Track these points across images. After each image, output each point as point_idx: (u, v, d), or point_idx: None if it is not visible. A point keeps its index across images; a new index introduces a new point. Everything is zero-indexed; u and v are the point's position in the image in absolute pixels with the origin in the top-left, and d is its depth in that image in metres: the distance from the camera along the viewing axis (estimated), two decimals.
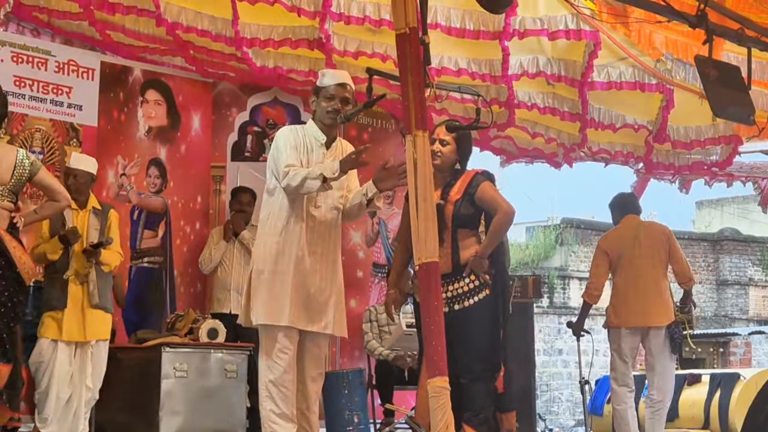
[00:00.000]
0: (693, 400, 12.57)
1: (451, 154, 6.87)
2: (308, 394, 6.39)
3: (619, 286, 9.12)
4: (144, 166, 10.24)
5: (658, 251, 9.06)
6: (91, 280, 8.15)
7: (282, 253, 6.21)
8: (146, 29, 9.28)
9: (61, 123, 9.65)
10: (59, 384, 8.02)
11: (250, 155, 10.79)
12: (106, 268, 8.29)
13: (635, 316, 8.99)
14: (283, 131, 6.38)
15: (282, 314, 6.19)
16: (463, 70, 9.31)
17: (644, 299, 8.97)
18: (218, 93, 10.91)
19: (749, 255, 27.16)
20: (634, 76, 9.34)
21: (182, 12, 8.82)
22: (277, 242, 6.22)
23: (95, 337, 8.23)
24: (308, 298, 6.26)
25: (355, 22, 8.56)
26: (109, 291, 8.42)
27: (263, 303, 6.19)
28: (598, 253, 9.29)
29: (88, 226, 8.23)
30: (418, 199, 5.40)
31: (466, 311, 6.68)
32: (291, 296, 6.19)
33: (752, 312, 26.83)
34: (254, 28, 8.92)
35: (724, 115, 7.44)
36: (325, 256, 6.38)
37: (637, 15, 7.51)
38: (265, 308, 6.19)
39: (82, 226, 8.18)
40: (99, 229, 8.26)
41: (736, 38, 7.14)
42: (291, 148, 6.23)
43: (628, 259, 9.04)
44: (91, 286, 8.15)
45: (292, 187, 6.12)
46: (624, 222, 9.24)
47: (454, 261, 6.72)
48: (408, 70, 5.50)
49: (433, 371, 5.29)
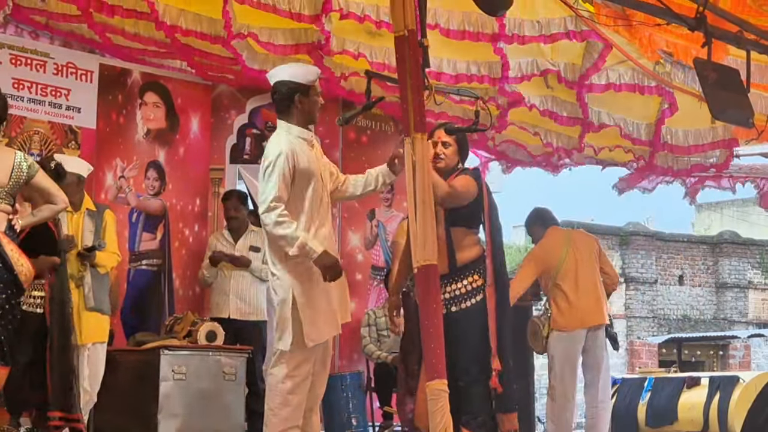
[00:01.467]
0: (692, 402, 12.56)
1: (454, 155, 6.86)
2: (316, 394, 6.35)
3: (566, 291, 9.21)
4: (143, 169, 10.21)
5: (591, 255, 9.33)
6: (86, 283, 8.14)
7: (315, 271, 6.05)
8: (146, 32, 9.25)
9: (60, 125, 9.65)
10: None
11: (248, 158, 10.77)
12: (102, 270, 8.27)
13: (587, 315, 9.18)
14: (279, 154, 6.04)
15: (331, 325, 6.19)
16: (461, 75, 9.30)
17: (589, 300, 9.19)
18: (217, 95, 10.89)
19: (749, 258, 27.14)
20: (633, 79, 9.35)
21: (181, 15, 8.78)
22: (305, 262, 6.05)
23: (91, 340, 8.21)
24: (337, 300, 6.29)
25: (354, 18, 8.51)
26: (106, 293, 8.39)
27: (314, 324, 6.05)
28: (529, 264, 9.44)
29: (83, 228, 8.21)
30: (417, 201, 5.40)
31: (463, 313, 6.65)
32: (335, 308, 6.22)
33: (751, 315, 26.80)
34: (254, 30, 8.87)
35: (723, 118, 7.44)
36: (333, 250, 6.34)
37: (636, 18, 7.50)
38: (317, 328, 6.07)
39: (76, 228, 8.16)
40: (94, 231, 8.23)
41: (735, 41, 7.14)
42: (282, 177, 6.00)
43: (569, 265, 9.20)
44: (86, 288, 8.14)
45: (269, 228, 6.00)
46: (550, 233, 9.40)
47: (451, 262, 6.67)
48: (407, 73, 5.50)
49: (432, 374, 5.29)
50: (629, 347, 24.92)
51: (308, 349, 6.07)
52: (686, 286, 26.31)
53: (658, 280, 25.71)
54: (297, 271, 6.06)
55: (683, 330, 25.33)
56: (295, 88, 6.19)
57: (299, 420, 6.12)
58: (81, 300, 8.11)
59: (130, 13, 8.76)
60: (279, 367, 6.10)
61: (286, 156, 6.02)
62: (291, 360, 6.07)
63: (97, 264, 8.19)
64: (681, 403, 12.62)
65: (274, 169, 6.01)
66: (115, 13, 8.72)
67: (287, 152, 6.04)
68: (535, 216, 9.62)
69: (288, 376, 6.07)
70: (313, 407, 6.34)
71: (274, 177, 6.00)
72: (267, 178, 6.03)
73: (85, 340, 8.14)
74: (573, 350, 9.20)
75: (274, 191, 5.98)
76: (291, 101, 6.20)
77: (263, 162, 6.12)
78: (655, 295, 25.61)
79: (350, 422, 9.36)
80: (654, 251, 25.71)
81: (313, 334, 6.04)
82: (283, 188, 6.00)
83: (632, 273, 25.18)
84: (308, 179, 6.13)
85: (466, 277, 6.69)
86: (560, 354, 9.23)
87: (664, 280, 25.91)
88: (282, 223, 5.96)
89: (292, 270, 6.06)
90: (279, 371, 6.09)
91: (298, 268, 6.05)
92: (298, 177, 6.08)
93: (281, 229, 5.97)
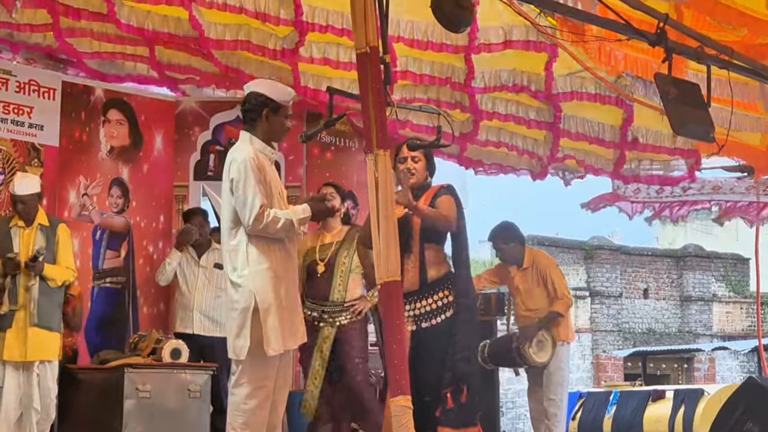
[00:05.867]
0: (657, 416, 12.64)
1: (423, 170, 6.91)
2: (278, 412, 6.34)
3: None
4: (106, 186, 10.19)
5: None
6: (33, 298, 8.09)
7: (278, 278, 6.08)
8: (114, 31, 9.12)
9: (23, 143, 9.61)
10: (7, 405, 7.99)
11: (212, 174, 10.72)
12: (53, 284, 8.21)
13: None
14: (245, 162, 6.05)
15: (294, 336, 6.20)
16: (425, 76, 9.33)
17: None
18: (181, 112, 10.87)
19: (713, 271, 27.31)
20: (596, 89, 9.45)
21: (148, 16, 8.73)
22: (268, 268, 6.06)
23: (36, 358, 8.13)
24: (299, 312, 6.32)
25: (320, 30, 8.52)
26: (57, 310, 8.33)
27: (275, 332, 6.02)
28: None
29: (33, 243, 8.18)
30: (380, 218, 5.39)
31: (433, 329, 6.68)
32: (299, 318, 6.26)
33: (716, 328, 26.96)
34: (220, 29, 8.81)
35: (684, 133, 7.47)
36: (296, 265, 6.40)
37: (596, 33, 7.54)
38: (280, 337, 6.04)
39: (27, 243, 8.14)
40: (45, 246, 8.20)
41: (696, 56, 7.18)
42: (258, 184, 6.02)
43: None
44: (31, 305, 8.08)
45: (268, 231, 6.01)
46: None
47: (422, 279, 6.73)
48: (369, 90, 5.49)
49: (396, 390, 5.27)
50: (595, 361, 25.03)
51: (269, 362, 6.05)
52: (651, 299, 26.46)
53: (623, 293, 25.84)
54: (258, 280, 6.04)
55: (648, 343, 25.47)
56: (267, 102, 6.22)
57: None
58: (27, 316, 8.07)
59: (95, 16, 8.68)
60: (241, 387, 6.08)
61: (252, 162, 6.04)
62: (252, 377, 6.05)
63: (46, 276, 8.13)
64: (646, 416, 12.70)
65: (248, 177, 6.01)
66: (82, 17, 8.65)
67: (253, 158, 6.06)
68: (503, 230, 9.72)
69: (250, 395, 6.04)
70: (276, 425, 6.32)
71: (250, 185, 6.00)
72: (244, 186, 6.01)
73: (31, 357, 8.07)
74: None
75: (258, 198, 5.98)
76: (259, 114, 6.22)
77: (228, 169, 6.12)
78: (620, 309, 25.75)
79: None
80: (619, 265, 25.85)
81: (275, 343, 6.01)
82: (263, 193, 6.01)
83: (597, 287, 25.31)
84: (271, 192, 6.14)
85: (436, 293, 6.73)
86: (565, 365, 9.50)
87: (629, 294, 26.05)
88: (276, 220, 6.00)
89: (253, 278, 6.04)
90: (241, 391, 6.07)
91: (259, 276, 6.04)
92: (265, 186, 6.10)
93: (276, 225, 6.01)
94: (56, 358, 8.35)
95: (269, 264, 6.07)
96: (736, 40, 7.37)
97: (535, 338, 9.30)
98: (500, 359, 9.67)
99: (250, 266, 6.05)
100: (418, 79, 9.35)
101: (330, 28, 8.53)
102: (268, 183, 6.12)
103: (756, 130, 9.92)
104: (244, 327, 6.01)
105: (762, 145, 10.24)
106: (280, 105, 6.24)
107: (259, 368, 6.05)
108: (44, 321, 8.13)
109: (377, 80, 5.52)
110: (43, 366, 8.21)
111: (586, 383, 23.45)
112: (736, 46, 7.30)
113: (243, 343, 6.02)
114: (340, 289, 8.17)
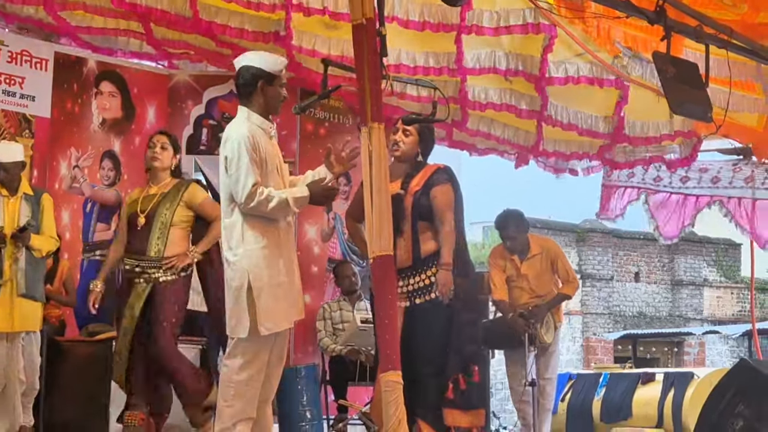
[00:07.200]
0: (647, 398, 12.59)
1: (413, 145, 6.88)
2: (272, 385, 6.29)
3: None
4: (97, 159, 10.14)
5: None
6: (20, 268, 8.00)
7: (274, 258, 6.02)
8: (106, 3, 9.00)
9: (14, 114, 9.54)
10: None
11: (205, 148, 10.68)
12: (38, 254, 8.12)
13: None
14: (239, 140, 5.96)
15: (288, 317, 6.14)
16: (419, 67, 9.25)
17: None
18: (174, 85, 10.80)
19: (704, 256, 27.36)
20: (592, 72, 9.34)
21: None
22: (263, 248, 6.00)
23: (23, 328, 8.09)
24: (296, 292, 6.23)
25: (315, 13, 8.44)
26: (41, 280, 8.25)
27: (268, 311, 5.96)
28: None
29: (19, 213, 8.11)
30: (373, 191, 5.35)
31: (429, 304, 6.69)
32: (295, 297, 6.17)
33: (706, 312, 27.02)
34: (213, 11, 8.73)
35: (681, 112, 7.45)
36: (293, 245, 6.34)
37: (595, 10, 7.49)
38: (273, 316, 5.99)
39: (12, 213, 8.06)
40: (30, 215, 8.13)
41: (694, 35, 7.15)
42: (251, 162, 5.93)
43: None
44: (19, 274, 8.00)
45: (260, 210, 5.93)
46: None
47: (415, 254, 6.74)
48: (364, 62, 5.46)
49: (386, 365, 5.25)
50: (585, 343, 25.07)
51: (264, 339, 5.99)
52: (642, 283, 26.49)
53: (614, 277, 25.87)
54: (253, 258, 5.97)
55: (639, 327, 25.50)
56: (260, 74, 6.12)
57: (253, 412, 6.05)
58: (14, 287, 8.01)
59: None
60: (234, 358, 6.03)
61: (247, 140, 5.95)
62: (246, 350, 6.00)
63: (32, 246, 8.05)
64: (636, 399, 12.66)
65: (241, 155, 5.93)
66: None
67: (248, 136, 5.97)
68: (516, 219, 9.80)
69: (243, 368, 5.99)
70: (267, 399, 6.27)
71: (244, 163, 5.92)
72: (237, 164, 5.93)
73: (17, 327, 8.02)
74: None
75: (251, 176, 5.90)
76: (254, 87, 6.12)
77: (224, 147, 6.03)
78: (611, 292, 25.77)
79: (304, 415, 9.29)
80: (610, 248, 25.87)
81: (268, 322, 5.96)
82: (257, 171, 5.93)
83: (588, 270, 25.32)
84: (267, 169, 6.07)
85: (430, 268, 6.73)
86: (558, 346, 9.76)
87: (620, 277, 26.08)
88: (269, 198, 5.91)
89: (247, 256, 5.98)
90: (234, 362, 6.02)
91: (253, 255, 5.97)
92: (259, 164, 6.02)
93: (271, 203, 5.91)
94: (38, 328, 8.32)
95: (265, 243, 6.00)
96: (735, 19, 7.33)
97: (543, 319, 9.40)
98: (495, 341, 9.64)
99: (244, 245, 6.00)
100: (412, 71, 9.25)
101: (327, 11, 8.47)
102: (264, 160, 6.05)
103: (753, 110, 9.87)
104: (237, 305, 5.96)
105: (759, 126, 10.20)
106: (273, 75, 6.15)
107: (253, 345, 6.01)
108: (30, 291, 8.05)
109: (373, 52, 5.48)
110: (28, 337, 8.20)
111: (576, 365, 23.47)
112: (735, 25, 7.27)
113: (236, 321, 5.98)
114: (158, 243, 7.66)
